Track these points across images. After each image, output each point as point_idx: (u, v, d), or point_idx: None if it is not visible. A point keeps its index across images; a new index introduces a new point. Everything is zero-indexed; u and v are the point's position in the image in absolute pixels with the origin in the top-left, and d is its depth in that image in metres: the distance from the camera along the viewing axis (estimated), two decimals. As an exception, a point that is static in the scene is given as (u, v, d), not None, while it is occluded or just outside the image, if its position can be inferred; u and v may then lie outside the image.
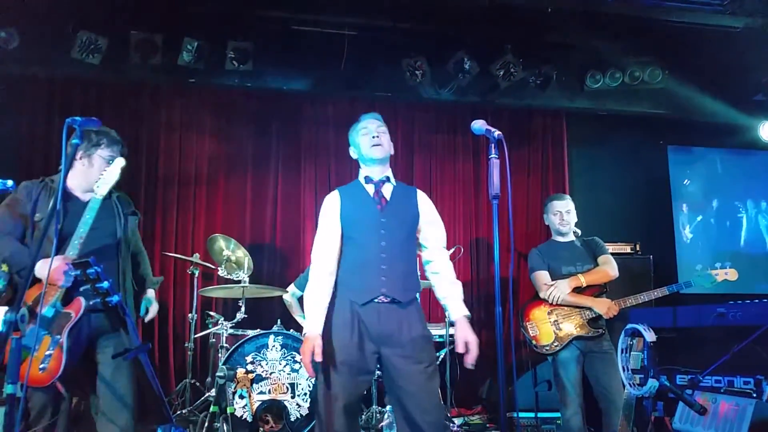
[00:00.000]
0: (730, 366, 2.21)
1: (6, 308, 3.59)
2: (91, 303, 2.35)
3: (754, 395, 2.16)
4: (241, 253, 4.74)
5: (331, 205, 2.70)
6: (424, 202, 2.78)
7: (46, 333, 2.64)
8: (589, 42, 5.30)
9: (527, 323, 3.85)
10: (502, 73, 5.35)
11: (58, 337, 2.68)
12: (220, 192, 5.60)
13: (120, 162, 2.84)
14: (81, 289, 2.36)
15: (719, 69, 5.45)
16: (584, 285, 3.73)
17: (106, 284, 2.30)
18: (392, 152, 2.82)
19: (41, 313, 2.61)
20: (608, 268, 3.80)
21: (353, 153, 2.87)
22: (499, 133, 2.10)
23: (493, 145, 2.08)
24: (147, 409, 2.94)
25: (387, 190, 2.71)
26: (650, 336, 2.51)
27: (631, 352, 2.67)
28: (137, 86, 5.42)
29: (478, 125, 2.20)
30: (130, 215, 2.98)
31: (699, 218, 6.38)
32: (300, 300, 4.85)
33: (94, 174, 2.81)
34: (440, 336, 4.83)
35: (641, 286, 4.33)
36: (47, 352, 2.66)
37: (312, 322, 2.50)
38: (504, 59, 5.32)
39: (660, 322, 2.75)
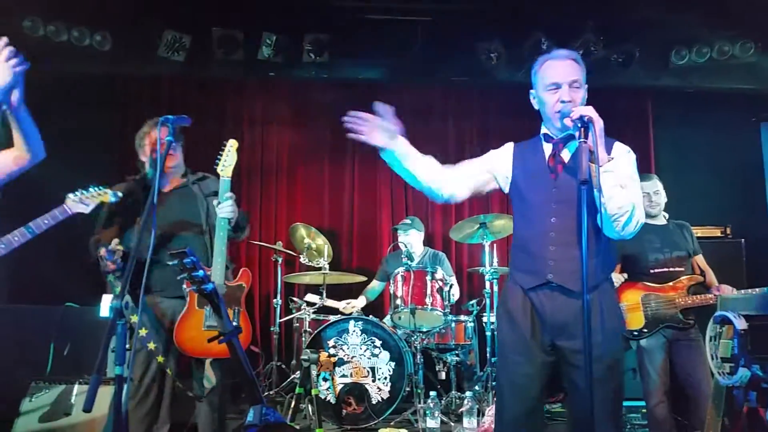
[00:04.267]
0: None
1: (111, 296, 3.90)
2: (188, 290, 2.50)
3: None
4: (321, 241, 4.89)
5: (502, 152, 2.38)
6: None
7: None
8: (674, 17, 5.04)
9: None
10: (581, 52, 5.19)
11: (238, 308, 2.99)
12: (299, 181, 5.79)
13: (234, 143, 3.03)
14: (178, 278, 2.52)
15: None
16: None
17: (201, 273, 2.44)
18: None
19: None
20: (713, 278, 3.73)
21: (533, 99, 2.30)
22: (589, 116, 2.02)
23: (582, 129, 2.01)
24: (240, 390, 3.11)
25: (566, 154, 2.23)
26: (741, 323, 2.41)
27: (720, 340, 2.58)
28: (220, 82, 5.66)
29: (550, 110, 2.15)
30: (211, 196, 3.08)
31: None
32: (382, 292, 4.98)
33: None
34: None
35: (732, 272, 4.15)
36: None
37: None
38: (583, 38, 5.16)
39: (752, 308, 2.61)
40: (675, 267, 3.70)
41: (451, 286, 4.43)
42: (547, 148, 2.25)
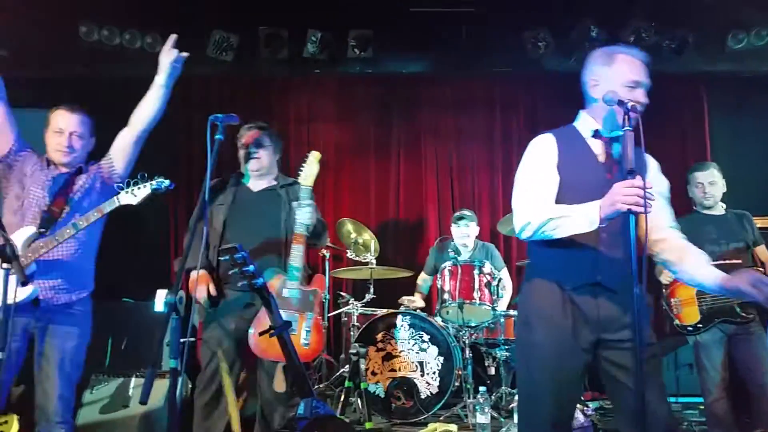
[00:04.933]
0: None
1: (165, 291, 4.02)
2: (239, 285, 2.54)
3: None
4: (368, 236, 4.90)
5: (547, 149, 2.17)
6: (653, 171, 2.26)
7: (298, 312, 3.00)
8: (729, 0, 4.83)
9: (672, 300, 3.64)
10: (632, 38, 5.04)
11: (311, 314, 3.03)
12: (345, 177, 5.81)
13: (316, 155, 3.16)
14: (229, 272, 2.56)
15: None
16: None
17: (252, 268, 2.49)
18: None
19: (289, 295, 3.00)
20: None
21: (592, 87, 2.19)
22: (634, 103, 1.96)
23: (626, 116, 1.95)
24: (291, 383, 3.15)
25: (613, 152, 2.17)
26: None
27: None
28: (267, 80, 5.73)
29: (610, 95, 2.08)
30: (296, 202, 3.14)
31: None
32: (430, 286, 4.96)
33: (244, 164, 3.22)
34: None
35: (796, 264, 3.95)
36: (306, 330, 3.01)
37: (586, 206, 1.96)
38: (634, 25, 5.01)
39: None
40: (733, 259, 3.56)
41: (499, 280, 4.38)
42: (595, 144, 2.17)
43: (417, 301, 4.81)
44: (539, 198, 2.08)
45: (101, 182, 2.87)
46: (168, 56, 2.81)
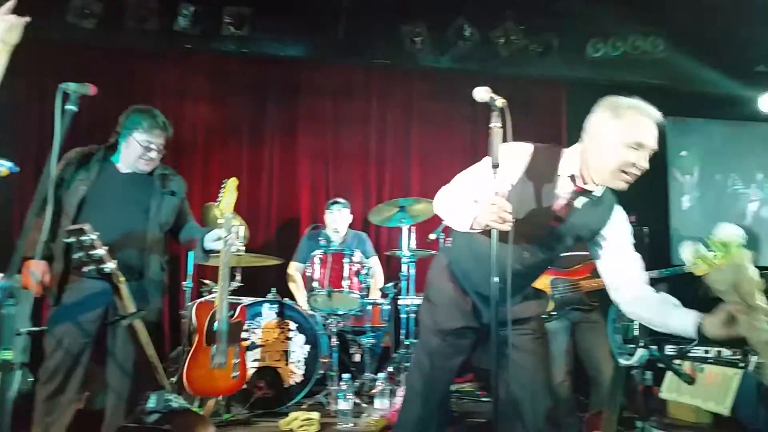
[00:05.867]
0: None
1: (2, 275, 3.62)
2: (86, 270, 2.35)
3: (741, 365, 2.18)
4: (237, 222, 4.73)
5: (518, 156, 2.11)
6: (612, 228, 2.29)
7: (228, 345, 3.13)
8: (592, 9, 5.19)
9: None
10: (503, 40, 5.27)
11: (238, 345, 3.23)
12: (215, 160, 5.58)
13: (234, 181, 3.12)
14: (75, 256, 2.36)
15: (720, 39, 5.34)
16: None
17: (100, 252, 2.31)
18: None
19: (218, 329, 3.12)
20: None
21: (591, 135, 2.13)
22: (503, 101, 2.02)
23: (495, 113, 2.02)
24: (141, 375, 2.98)
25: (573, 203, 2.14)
26: (641, 307, 2.51)
27: (622, 323, 2.69)
28: (132, 51, 5.34)
29: (481, 93, 2.13)
30: (168, 195, 2.98)
31: (694, 190, 6.36)
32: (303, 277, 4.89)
33: (131, 157, 2.88)
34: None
35: (636, 258, 4.35)
36: (234, 362, 3.17)
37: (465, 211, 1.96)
38: (505, 26, 5.24)
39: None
40: (581, 251, 3.84)
41: (369, 269, 4.42)
42: (562, 186, 2.09)
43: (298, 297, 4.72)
44: (457, 190, 2.13)
45: None
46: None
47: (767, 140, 6.44)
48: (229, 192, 3.09)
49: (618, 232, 2.18)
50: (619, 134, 1.99)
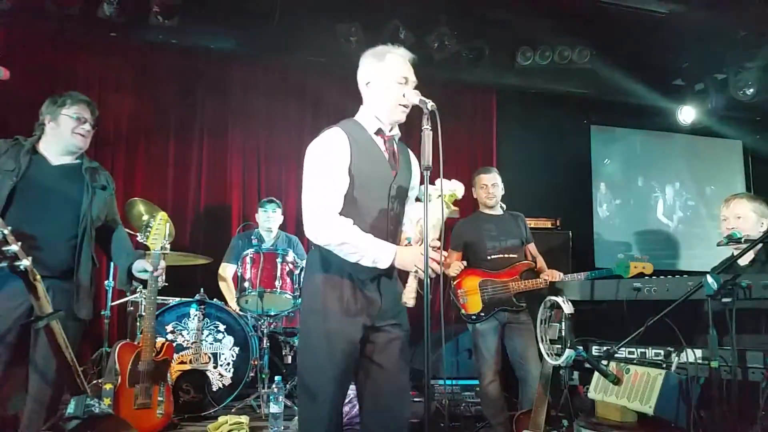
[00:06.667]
0: (643, 338, 2.33)
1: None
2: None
3: (664, 366, 2.29)
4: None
5: (340, 148, 2.19)
6: (416, 166, 2.42)
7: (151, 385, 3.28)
8: (522, 18, 5.33)
9: (458, 290, 3.92)
10: (436, 45, 5.33)
11: (164, 382, 3.35)
12: (140, 154, 5.35)
13: (164, 217, 3.03)
14: (-14, 252, 2.19)
15: (644, 52, 5.62)
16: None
17: (14, 248, 2.16)
18: None
19: (143, 369, 3.25)
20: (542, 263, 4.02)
21: (367, 86, 2.30)
22: (433, 104, 2.06)
23: (426, 116, 2.05)
24: (61, 380, 2.81)
25: (395, 150, 2.32)
26: (568, 308, 2.60)
27: (550, 323, 2.76)
28: (53, 37, 5.03)
29: (412, 96, 2.18)
30: (99, 189, 2.82)
31: (616, 197, 6.67)
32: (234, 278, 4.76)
33: (65, 135, 2.74)
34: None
35: (560, 260, 4.52)
36: (159, 399, 3.31)
37: (383, 247, 2.10)
38: (439, 31, 5.30)
39: (578, 294, 2.85)
40: (510, 254, 3.95)
41: (302, 269, 4.36)
42: (379, 142, 2.28)
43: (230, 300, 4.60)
44: (333, 207, 2.12)
45: None
46: None
47: (685, 150, 6.86)
48: (159, 226, 2.98)
49: (415, 175, 2.40)
50: (388, 75, 2.23)
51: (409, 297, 2.09)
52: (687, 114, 6.30)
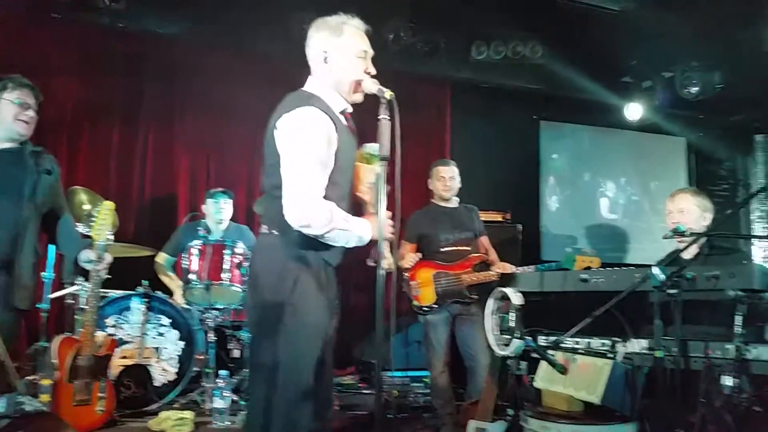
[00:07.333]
0: (590, 328, 2.36)
1: None
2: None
3: (610, 356, 2.32)
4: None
5: (328, 131, 2.05)
6: None
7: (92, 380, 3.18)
8: (477, 13, 5.34)
9: (411, 282, 3.90)
10: (392, 36, 5.29)
11: (104, 378, 3.26)
12: (83, 141, 5.13)
13: (110, 206, 2.93)
14: None
15: (595, 49, 5.69)
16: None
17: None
18: None
19: (84, 364, 3.14)
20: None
21: (325, 61, 2.17)
22: (392, 93, 2.02)
23: (383, 105, 2.01)
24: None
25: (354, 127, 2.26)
26: (517, 299, 2.61)
27: (499, 314, 2.78)
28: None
29: (369, 84, 2.13)
30: (44, 173, 2.70)
31: (564, 191, 6.79)
32: (174, 266, 4.61)
33: (6, 121, 2.64)
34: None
35: (510, 253, 4.56)
36: (100, 395, 3.23)
37: (362, 224, 2.07)
38: (395, 22, 5.26)
39: (527, 286, 2.88)
40: (463, 246, 3.97)
41: (251, 261, 4.27)
42: (346, 122, 2.19)
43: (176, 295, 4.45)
44: (319, 193, 2.00)
45: None
46: None
47: (631, 146, 7.04)
48: (104, 216, 2.87)
49: None
50: (347, 50, 2.14)
51: (388, 262, 2.02)
52: (634, 111, 6.43)
